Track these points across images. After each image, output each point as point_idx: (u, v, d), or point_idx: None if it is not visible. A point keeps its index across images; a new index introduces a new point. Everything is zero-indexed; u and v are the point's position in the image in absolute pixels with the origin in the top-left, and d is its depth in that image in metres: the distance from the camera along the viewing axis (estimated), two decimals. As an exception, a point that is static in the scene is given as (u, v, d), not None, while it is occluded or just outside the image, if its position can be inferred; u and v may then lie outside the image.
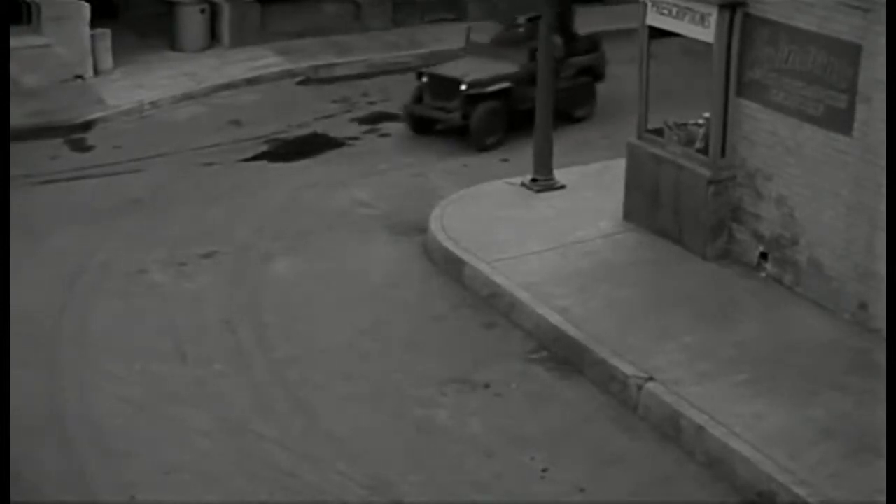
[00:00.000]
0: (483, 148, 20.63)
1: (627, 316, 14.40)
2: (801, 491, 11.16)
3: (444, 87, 20.98)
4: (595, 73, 22.67)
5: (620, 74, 23.18)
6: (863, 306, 13.95)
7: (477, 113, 20.64)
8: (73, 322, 15.04)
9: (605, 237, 16.50)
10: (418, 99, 21.48)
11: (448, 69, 21.46)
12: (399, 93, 23.83)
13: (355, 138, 21.68)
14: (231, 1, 26.52)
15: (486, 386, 13.55)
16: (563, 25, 21.87)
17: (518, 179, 18.35)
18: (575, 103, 22.12)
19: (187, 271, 16.38)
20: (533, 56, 19.92)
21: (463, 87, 20.65)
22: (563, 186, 18.10)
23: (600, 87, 22.67)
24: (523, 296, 14.91)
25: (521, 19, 22.45)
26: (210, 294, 15.70)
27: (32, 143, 20.93)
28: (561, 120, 20.50)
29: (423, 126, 21.50)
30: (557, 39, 20.38)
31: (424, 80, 21.31)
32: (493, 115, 20.84)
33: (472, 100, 20.72)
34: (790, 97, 14.62)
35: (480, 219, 17.20)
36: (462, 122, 20.79)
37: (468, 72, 21.04)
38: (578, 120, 22.12)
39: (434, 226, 16.97)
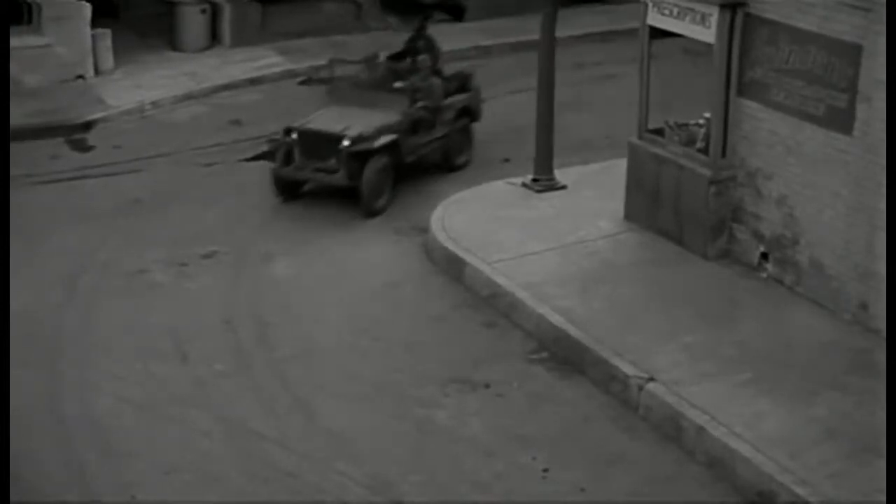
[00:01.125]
0: (373, 213, 17.93)
1: (628, 316, 14.39)
2: (801, 491, 11.15)
3: (320, 144, 17.99)
4: (472, 114, 20.24)
5: (619, 74, 23.25)
6: (863, 306, 13.94)
7: (366, 174, 17.76)
8: (74, 322, 15.04)
9: (606, 237, 16.50)
10: (287, 159, 18.29)
11: (322, 122, 18.47)
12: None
13: (356, 138, 21.64)
14: (232, 1, 26.52)
15: (487, 386, 13.55)
16: (433, 61, 20.18)
17: (519, 179, 18.35)
18: (454, 150, 19.83)
19: (188, 271, 16.38)
20: (414, 100, 18.72)
21: (345, 144, 17.76)
22: (563, 186, 18.10)
23: (601, 87, 22.67)
24: (524, 296, 14.90)
25: (383, 56, 20.48)
26: (210, 294, 15.70)
27: (33, 143, 20.93)
28: (440, 171, 19.54)
29: (293, 190, 18.64)
30: (436, 80, 19.36)
31: (293, 136, 18.23)
32: (384, 174, 18.07)
33: (356, 158, 17.82)
34: (791, 97, 14.62)
35: (481, 219, 17.20)
36: (348, 184, 17.82)
37: (347, 125, 18.13)
38: (459, 168, 19.84)
39: (435, 226, 16.97)
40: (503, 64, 25.40)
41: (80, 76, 24.02)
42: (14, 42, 21.87)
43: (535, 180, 18.15)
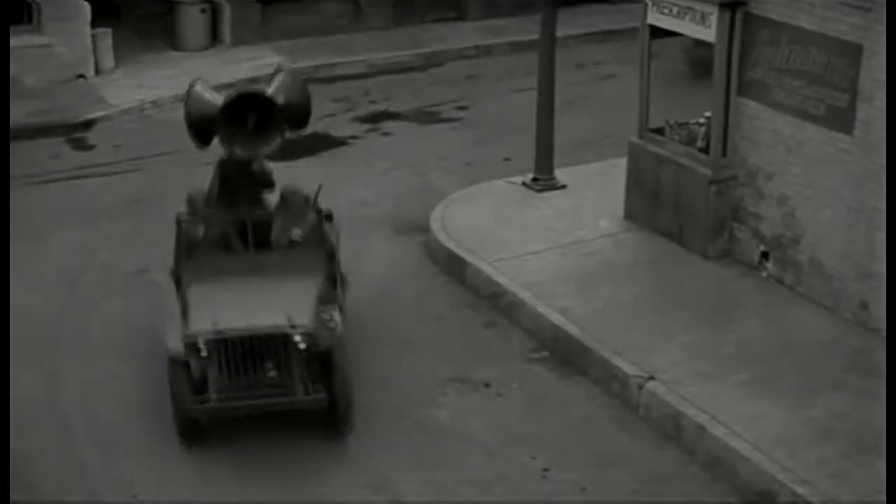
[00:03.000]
0: (350, 426, 12.65)
1: (628, 315, 14.39)
2: (801, 490, 11.16)
3: (254, 352, 12.11)
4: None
5: (620, 74, 23.27)
6: (863, 306, 13.94)
7: (337, 378, 12.39)
8: (74, 321, 15.04)
9: (607, 237, 16.49)
10: (201, 388, 12.22)
11: (248, 316, 12.28)
12: (400, 92, 23.91)
13: (356, 137, 21.68)
14: (232, 1, 26.52)
15: (487, 385, 13.56)
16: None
17: (519, 179, 18.34)
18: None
19: (188, 271, 16.36)
20: (332, 258, 13.53)
21: (298, 342, 12.09)
22: (564, 186, 18.09)
23: (601, 87, 22.67)
24: (524, 295, 14.90)
25: (201, 198, 13.97)
26: (211, 294, 15.69)
27: (33, 142, 20.93)
28: None
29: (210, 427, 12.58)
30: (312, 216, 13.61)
31: (205, 351, 12.08)
32: (345, 372, 12.56)
33: (317, 360, 12.36)
34: (791, 96, 14.61)
35: (482, 218, 17.19)
36: (314, 402, 12.22)
37: (285, 314, 12.25)
38: None
39: (435, 225, 16.97)
40: (503, 64, 25.41)
41: (81, 76, 24.01)
42: (15, 42, 21.88)
43: (535, 180, 18.15)
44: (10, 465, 10.27)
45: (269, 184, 14.09)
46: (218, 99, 13.69)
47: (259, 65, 25.28)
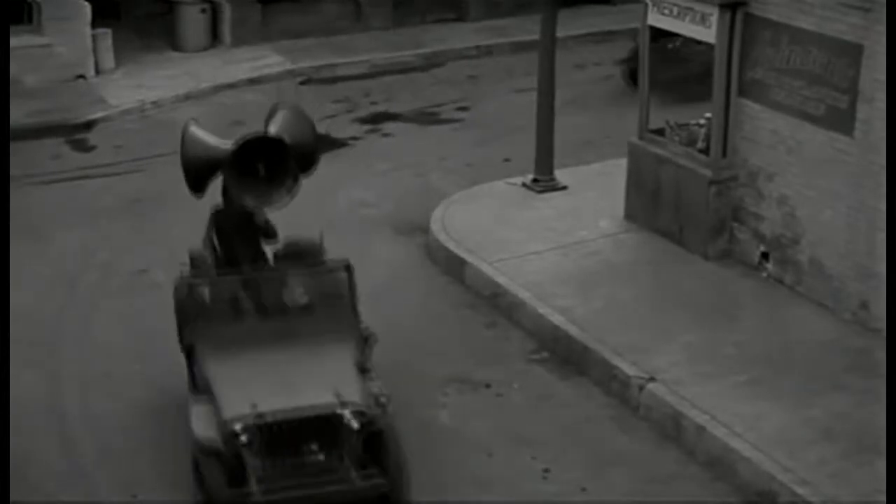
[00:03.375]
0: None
1: (629, 316, 14.39)
2: (801, 490, 11.16)
3: (303, 432, 10.83)
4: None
5: (620, 74, 23.27)
6: (864, 306, 13.94)
7: (392, 458, 10.99)
8: (74, 322, 15.04)
9: (607, 237, 16.50)
10: (237, 477, 10.66)
11: (290, 395, 10.97)
12: (401, 93, 23.90)
13: (357, 138, 21.67)
14: (232, 1, 26.52)
15: (488, 386, 13.56)
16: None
17: (519, 180, 18.34)
18: None
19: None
20: (356, 315, 12.30)
21: (353, 424, 10.80)
22: (564, 187, 18.09)
23: (601, 87, 22.65)
24: (525, 296, 14.91)
25: (208, 254, 12.84)
26: (211, 294, 15.69)
27: (33, 142, 20.93)
28: None
29: None
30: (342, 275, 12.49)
31: (245, 439, 10.64)
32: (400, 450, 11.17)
33: (370, 439, 10.96)
34: (791, 97, 14.62)
35: (482, 219, 17.20)
36: (372, 488, 10.78)
37: (331, 389, 10.98)
38: None
39: (436, 226, 16.97)
40: (503, 64, 25.41)
41: (81, 76, 24.01)
42: (15, 42, 21.87)
43: (535, 180, 18.15)
44: (10, 465, 10.27)
45: (272, 234, 12.85)
46: (218, 142, 12.39)
47: (259, 65, 25.35)
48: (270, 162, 12.06)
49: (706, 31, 15.34)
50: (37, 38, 23.64)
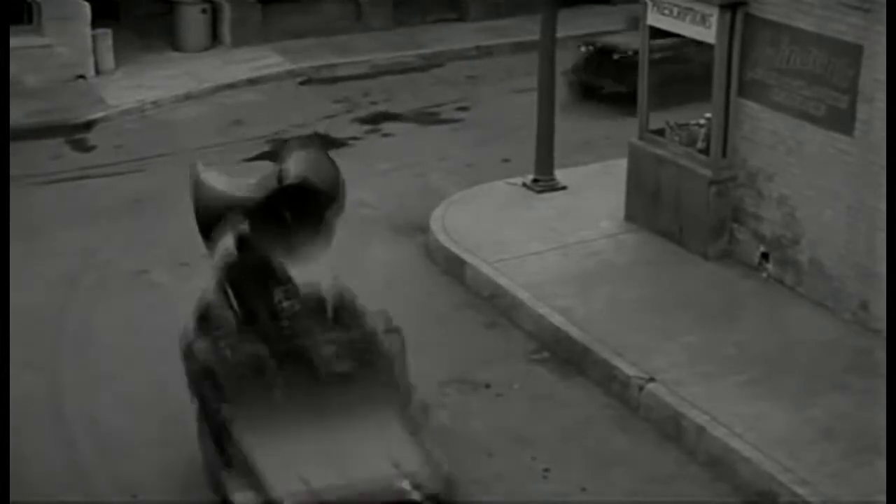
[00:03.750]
0: None
1: (629, 316, 14.39)
2: (801, 491, 11.16)
3: None
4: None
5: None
6: (863, 306, 13.94)
7: None
8: (74, 322, 15.04)
9: (607, 237, 16.49)
10: None
11: (343, 468, 10.04)
12: (401, 93, 23.89)
13: (357, 138, 21.68)
14: (232, 1, 26.53)
15: (488, 386, 13.56)
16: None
17: (519, 180, 18.35)
18: None
19: (188, 271, 16.34)
20: (403, 376, 11.11)
21: (411, 495, 9.95)
22: (564, 187, 18.09)
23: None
24: (525, 296, 14.91)
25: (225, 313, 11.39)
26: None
27: (34, 142, 20.94)
28: None
29: None
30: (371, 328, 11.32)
31: None
32: None
33: None
34: (791, 97, 14.62)
35: (482, 219, 17.20)
36: None
37: (388, 459, 10.15)
38: None
39: (435, 226, 16.97)
40: (503, 64, 25.41)
41: (81, 76, 24.02)
42: (15, 42, 21.89)
43: (535, 180, 18.15)
44: (10, 465, 10.26)
45: (289, 282, 11.45)
46: (233, 186, 11.11)
47: (259, 65, 25.35)
48: (298, 208, 10.93)
49: (706, 31, 15.35)
50: (37, 38, 23.66)
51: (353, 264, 16.51)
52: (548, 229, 16.71)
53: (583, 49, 23.23)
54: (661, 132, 16.49)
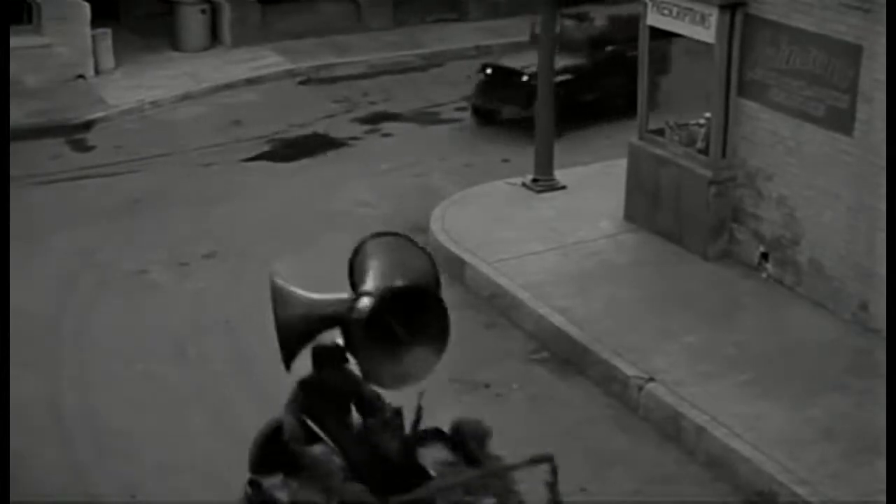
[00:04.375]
0: None
1: (628, 316, 14.39)
2: (801, 491, 11.16)
3: None
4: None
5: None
6: (863, 306, 13.94)
7: None
8: (74, 322, 15.04)
9: (607, 238, 16.49)
10: None
11: None
12: (401, 93, 23.89)
13: (356, 138, 21.68)
14: (232, 1, 26.53)
15: (487, 386, 13.56)
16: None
17: (519, 180, 18.34)
18: None
19: (188, 271, 16.38)
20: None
21: None
22: (564, 187, 18.09)
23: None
24: (524, 296, 14.91)
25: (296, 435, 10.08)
26: (211, 294, 15.70)
27: (33, 142, 20.94)
28: None
29: None
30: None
31: None
32: None
33: None
34: (791, 97, 14.62)
35: (482, 219, 17.20)
36: None
37: None
38: None
39: (435, 226, 16.97)
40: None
41: (81, 76, 24.02)
42: (15, 42, 21.88)
43: (535, 180, 18.15)
44: (10, 465, 10.26)
45: (381, 409, 10.14)
46: (319, 297, 9.69)
47: (259, 65, 25.36)
48: (406, 319, 9.44)
49: (705, 31, 15.35)
50: (37, 38, 23.66)
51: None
52: (547, 229, 16.71)
53: (479, 75, 21.92)
54: (660, 132, 16.48)
